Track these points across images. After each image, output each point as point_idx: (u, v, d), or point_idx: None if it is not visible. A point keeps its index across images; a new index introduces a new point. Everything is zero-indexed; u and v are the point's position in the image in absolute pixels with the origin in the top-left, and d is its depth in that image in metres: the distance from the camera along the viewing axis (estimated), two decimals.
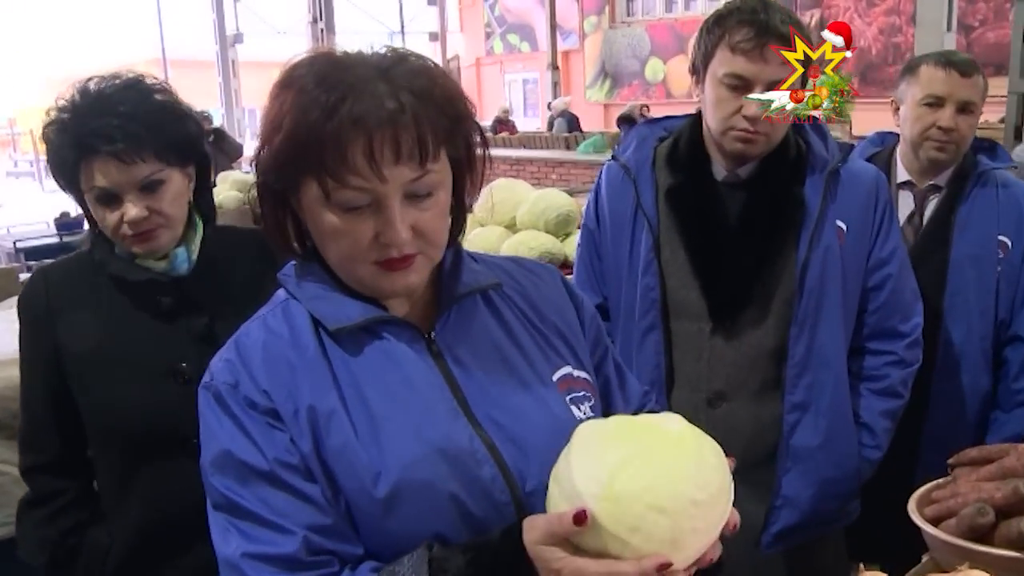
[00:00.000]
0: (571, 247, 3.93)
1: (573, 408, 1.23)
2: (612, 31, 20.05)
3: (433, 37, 21.23)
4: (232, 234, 1.90)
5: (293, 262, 1.23)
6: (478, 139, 1.17)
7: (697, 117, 2.03)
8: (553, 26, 18.34)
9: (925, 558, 1.53)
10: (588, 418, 1.23)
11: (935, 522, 1.45)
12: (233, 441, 1.11)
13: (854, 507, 2.11)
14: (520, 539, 1.03)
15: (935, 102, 2.36)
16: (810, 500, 2.00)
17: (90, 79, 1.68)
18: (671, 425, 1.06)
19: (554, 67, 18.28)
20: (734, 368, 1.97)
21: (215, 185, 1.94)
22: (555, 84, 18.15)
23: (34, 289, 1.77)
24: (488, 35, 23.25)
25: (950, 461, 1.61)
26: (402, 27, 21.20)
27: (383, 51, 1.12)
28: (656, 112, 15.41)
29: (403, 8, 21.39)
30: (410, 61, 1.11)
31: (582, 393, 1.26)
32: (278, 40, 18.56)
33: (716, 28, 1.88)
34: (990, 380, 2.43)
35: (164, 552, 1.73)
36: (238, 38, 15.18)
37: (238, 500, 1.10)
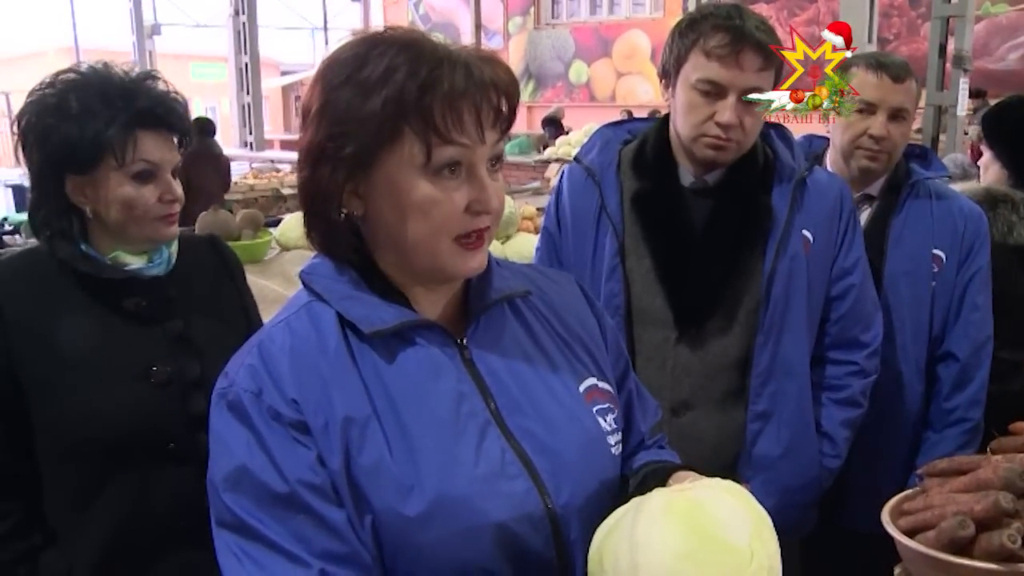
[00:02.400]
0: (512, 250, 3.90)
1: (600, 420, 1.21)
2: (537, 32, 20.09)
3: (356, 34, 20.94)
4: (187, 238, 1.83)
5: (316, 261, 1.17)
6: None
7: (664, 121, 2.00)
8: (478, 26, 18.33)
9: (898, 570, 1.53)
10: (614, 430, 1.23)
11: (910, 534, 1.45)
12: (251, 457, 1.04)
13: (812, 517, 2.11)
14: None
15: (866, 108, 2.22)
16: (771, 510, 1.97)
17: (97, 63, 1.64)
18: (740, 539, 1.04)
19: None
20: (699, 377, 1.94)
21: None
22: None
23: None
24: None
25: (919, 472, 1.61)
26: (325, 23, 20.95)
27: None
28: (578, 115, 15.55)
29: (326, 4, 21.12)
30: (469, 46, 1.11)
31: (606, 405, 1.24)
32: (197, 33, 18.17)
33: (690, 32, 1.84)
34: (923, 400, 2.35)
35: (132, 567, 1.64)
36: (156, 29, 14.74)
37: (252, 523, 1.03)
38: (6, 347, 1.59)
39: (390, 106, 1.03)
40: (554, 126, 14.02)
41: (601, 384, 1.26)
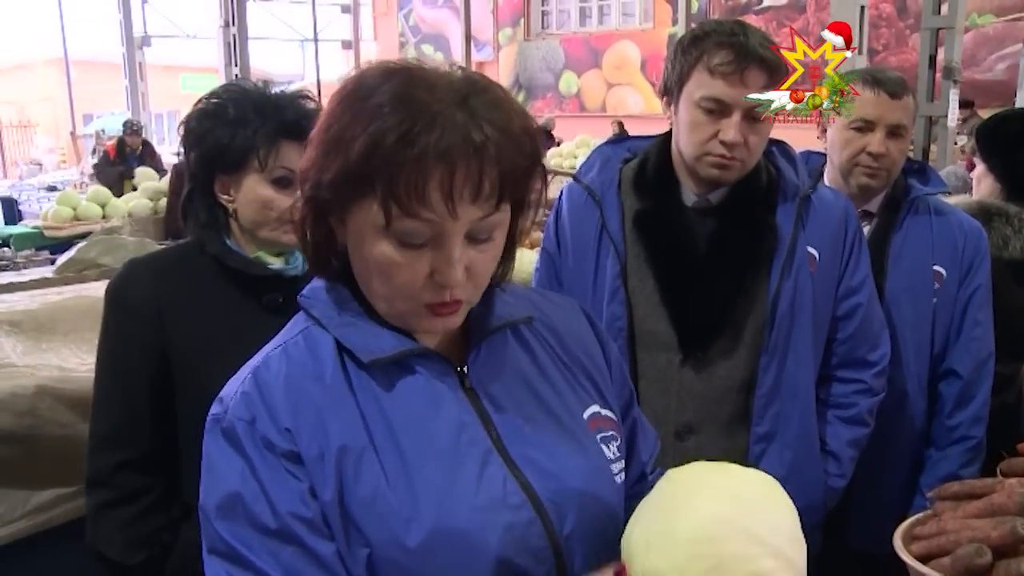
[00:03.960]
0: None
1: (603, 448, 1.19)
2: (527, 43, 20.14)
3: (346, 45, 20.99)
4: None
5: (316, 284, 1.15)
6: (542, 179, 1.10)
7: (665, 139, 1.98)
8: (468, 37, 18.32)
9: None
10: (617, 459, 1.20)
11: (923, 560, 1.42)
12: (244, 486, 1.03)
13: (817, 538, 2.08)
14: None
15: (864, 126, 2.20)
16: None
17: (259, 81, 1.83)
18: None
19: None
20: (704, 400, 1.91)
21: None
22: None
23: (136, 281, 1.78)
24: (402, 45, 23.07)
25: (930, 495, 1.58)
26: (315, 34, 20.90)
27: (457, 73, 1.04)
28: (569, 125, 15.55)
29: (316, 15, 21.09)
30: (487, 89, 1.03)
31: (610, 433, 1.21)
32: (187, 44, 18.09)
33: (692, 49, 1.82)
34: (925, 417, 2.33)
35: None
36: (146, 40, 14.74)
37: (244, 552, 1.01)
38: (161, 331, 1.72)
39: (360, 161, 0.98)
40: (545, 137, 14.02)
41: (604, 412, 1.23)
